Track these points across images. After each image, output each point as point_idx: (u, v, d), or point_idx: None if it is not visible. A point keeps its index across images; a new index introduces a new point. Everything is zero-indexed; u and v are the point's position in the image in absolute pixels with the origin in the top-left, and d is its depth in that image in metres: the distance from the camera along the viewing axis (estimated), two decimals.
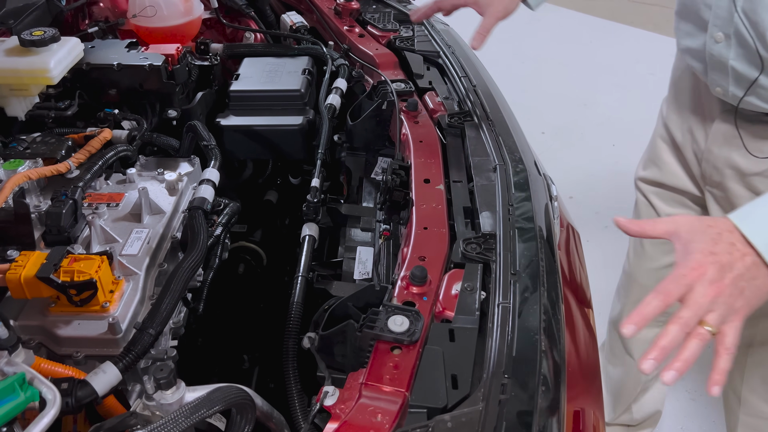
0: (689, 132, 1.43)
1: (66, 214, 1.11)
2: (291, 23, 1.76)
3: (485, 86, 1.46)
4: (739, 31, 1.15)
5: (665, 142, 1.54)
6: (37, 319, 1.01)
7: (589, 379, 0.98)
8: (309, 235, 1.23)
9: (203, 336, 1.39)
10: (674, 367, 0.81)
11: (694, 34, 1.27)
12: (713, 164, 1.37)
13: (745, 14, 1.13)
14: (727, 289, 0.83)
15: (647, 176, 1.62)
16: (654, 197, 1.61)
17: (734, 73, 1.20)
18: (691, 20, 1.27)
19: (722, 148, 1.33)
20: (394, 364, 0.86)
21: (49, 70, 1.25)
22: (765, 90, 1.18)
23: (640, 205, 1.68)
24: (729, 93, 1.23)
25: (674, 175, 1.53)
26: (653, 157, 1.59)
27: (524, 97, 3.83)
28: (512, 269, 0.96)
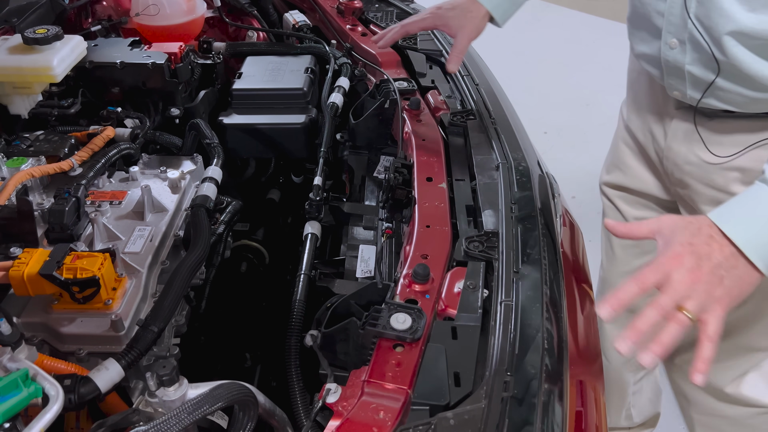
0: (649, 132, 1.42)
1: (69, 212, 1.11)
2: (294, 22, 1.76)
3: (488, 85, 1.46)
4: (693, 36, 1.15)
5: (627, 146, 1.53)
6: (40, 317, 1.01)
7: (592, 378, 0.98)
8: (311, 234, 1.23)
9: (206, 334, 1.39)
10: (652, 348, 0.83)
11: (648, 41, 1.26)
12: (674, 161, 1.37)
13: (698, 20, 1.12)
14: (704, 277, 0.85)
15: (611, 180, 1.61)
16: (620, 201, 1.61)
17: (691, 77, 1.20)
18: (644, 27, 1.27)
19: (682, 144, 1.33)
20: (396, 362, 0.86)
21: (52, 68, 1.25)
22: (723, 91, 1.18)
23: (607, 210, 1.68)
24: (687, 96, 1.23)
25: (638, 179, 1.53)
26: (616, 161, 1.58)
27: (526, 96, 3.82)
28: (515, 267, 0.96)
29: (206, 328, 1.38)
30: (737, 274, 0.87)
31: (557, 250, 1.03)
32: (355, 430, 0.76)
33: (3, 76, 1.26)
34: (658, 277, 0.86)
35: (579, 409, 0.85)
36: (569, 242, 1.19)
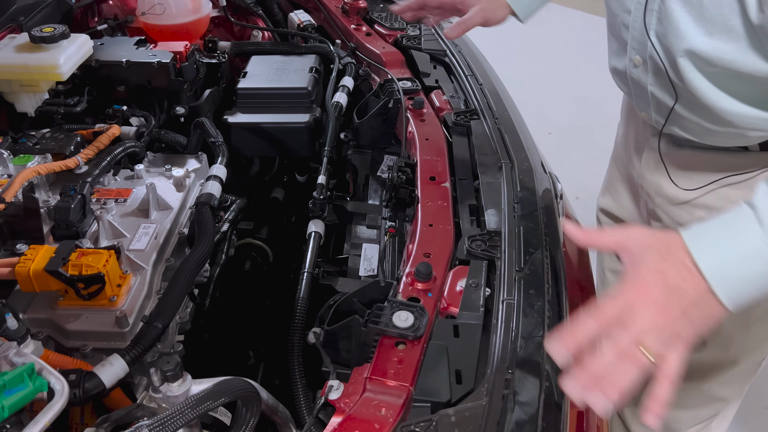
0: (629, 158, 1.38)
1: (74, 209, 1.12)
2: (298, 21, 1.77)
3: (491, 85, 1.47)
4: (652, 56, 1.08)
5: (618, 169, 1.49)
6: (46, 312, 1.02)
7: None
8: (315, 232, 1.23)
9: (210, 332, 1.40)
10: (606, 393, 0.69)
11: (619, 55, 1.19)
12: (647, 191, 1.32)
13: (657, 39, 1.05)
14: (673, 316, 0.72)
15: (604, 206, 1.57)
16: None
17: (654, 99, 1.14)
18: (615, 38, 1.19)
19: (654, 174, 1.27)
20: (398, 359, 0.86)
21: (59, 66, 1.26)
22: (683, 119, 1.12)
23: None
24: (653, 119, 1.18)
25: (625, 208, 1.48)
26: (609, 185, 1.55)
27: (531, 97, 3.82)
28: (517, 266, 0.96)
29: (210, 325, 1.39)
30: (707, 310, 0.74)
31: (560, 249, 1.03)
32: (357, 426, 0.77)
33: (10, 74, 1.27)
34: (621, 309, 0.73)
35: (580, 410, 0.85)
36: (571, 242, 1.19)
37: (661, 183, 1.27)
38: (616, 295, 0.74)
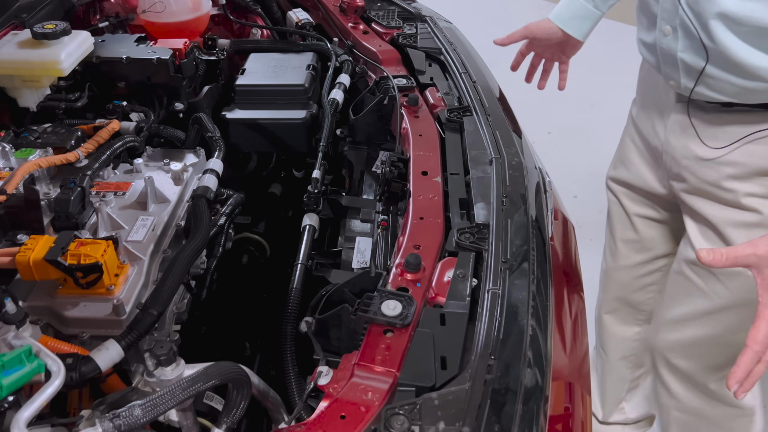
0: (652, 127, 1.46)
1: (74, 201, 1.15)
2: (297, 20, 1.80)
3: (485, 82, 1.49)
4: (683, 22, 1.19)
5: (633, 142, 1.57)
6: (45, 300, 1.04)
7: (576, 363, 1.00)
8: (309, 225, 1.26)
9: (207, 324, 1.43)
10: (744, 387, 0.97)
11: (648, 28, 1.32)
12: (672, 155, 1.40)
13: (688, 6, 1.17)
14: None
15: (616, 176, 1.65)
16: (623, 197, 1.65)
17: (683, 65, 1.24)
18: (645, 14, 1.32)
19: (679, 138, 1.36)
20: (386, 346, 0.89)
21: (60, 62, 1.29)
22: (712, 79, 1.22)
23: (611, 206, 1.72)
24: (681, 85, 1.27)
25: (640, 176, 1.57)
26: (622, 157, 1.62)
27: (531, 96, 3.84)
28: (503, 257, 0.99)
29: (207, 318, 1.42)
30: None
31: (546, 242, 1.05)
32: (344, 409, 0.79)
33: (12, 69, 1.30)
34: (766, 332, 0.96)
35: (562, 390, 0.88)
36: (560, 235, 1.22)
37: (689, 145, 1.34)
38: (759, 323, 0.97)
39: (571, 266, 1.19)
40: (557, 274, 1.05)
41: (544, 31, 1.59)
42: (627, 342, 1.79)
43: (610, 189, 1.69)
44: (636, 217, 1.62)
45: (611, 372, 1.86)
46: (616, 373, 1.86)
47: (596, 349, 1.93)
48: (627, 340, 1.77)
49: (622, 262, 1.69)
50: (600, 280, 1.81)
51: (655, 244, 1.63)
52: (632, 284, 1.70)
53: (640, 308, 1.73)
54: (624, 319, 1.77)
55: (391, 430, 0.74)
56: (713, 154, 1.31)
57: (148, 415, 0.71)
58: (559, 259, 1.11)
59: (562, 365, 0.94)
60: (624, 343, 1.78)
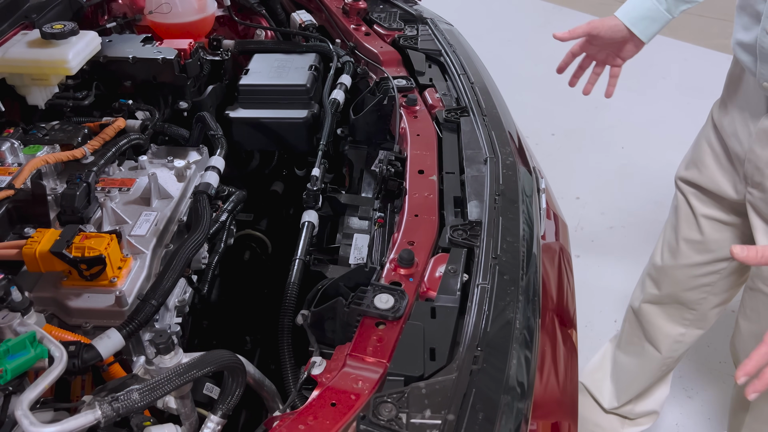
0: (734, 133, 1.45)
1: (80, 196, 1.19)
2: (300, 21, 1.83)
3: (483, 83, 1.52)
4: None
5: (710, 146, 1.55)
6: (50, 292, 1.08)
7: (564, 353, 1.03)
8: (308, 222, 1.29)
9: (208, 318, 1.46)
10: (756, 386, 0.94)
11: (749, 28, 1.30)
12: (755, 164, 1.39)
13: None
14: None
15: (687, 177, 1.63)
16: (692, 197, 1.63)
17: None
18: (748, 13, 1.31)
19: (765, 148, 1.35)
20: (377, 338, 0.92)
21: (68, 61, 1.33)
22: None
23: (680, 204, 1.69)
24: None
25: (712, 179, 1.55)
26: (695, 158, 1.60)
27: (535, 98, 3.86)
28: (493, 254, 1.01)
29: (209, 312, 1.45)
30: None
31: (536, 240, 1.08)
32: (335, 397, 0.82)
33: (21, 68, 1.34)
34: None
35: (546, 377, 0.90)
36: (553, 234, 1.24)
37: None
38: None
39: (562, 261, 1.22)
40: (546, 270, 1.08)
41: (609, 29, 1.51)
42: (670, 340, 1.77)
43: (679, 188, 1.67)
44: (703, 218, 1.61)
45: (644, 365, 1.85)
46: (649, 368, 1.85)
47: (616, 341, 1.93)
48: (670, 338, 1.76)
49: (682, 261, 1.68)
50: (646, 275, 1.79)
51: (719, 246, 1.62)
52: (687, 282, 1.69)
53: (689, 306, 1.72)
54: (671, 315, 1.76)
55: (378, 417, 0.77)
56: None
57: (146, 399, 0.74)
58: (549, 256, 1.13)
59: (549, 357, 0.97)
60: (667, 341, 1.77)
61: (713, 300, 1.69)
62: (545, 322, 0.99)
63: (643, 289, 1.79)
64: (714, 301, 1.69)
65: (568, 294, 1.15)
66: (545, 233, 1.19)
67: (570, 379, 1.02)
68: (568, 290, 1.17)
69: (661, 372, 1.87)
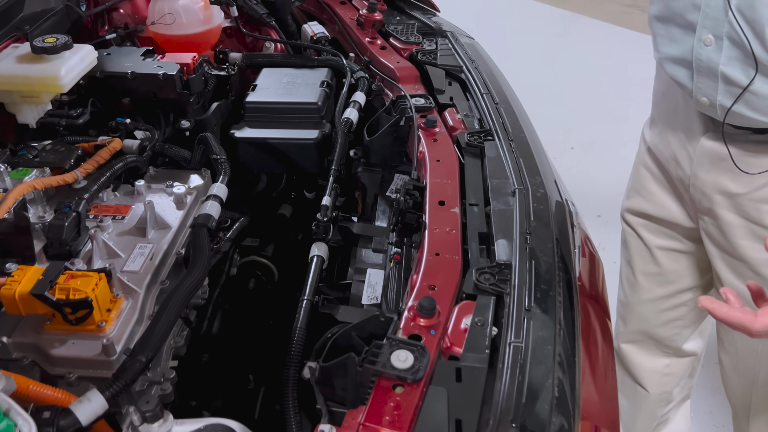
0: (673, 157, 1.35)
1: (68, 227, 1.08)
2: (312, 33, 1.73)
3: (508, 104, 1.40)
4: (732, 31, 1.09)
5: (648, 171, 1.45)
6: (32, 337, 0.98)
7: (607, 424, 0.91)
8: (317, 256, 1.18)
9: (210, 352, 1.35)
10: None
11: (679, 40, 1.20)
12: (701, 190, 1.29)
13: (740, 12, 1.06)
14: None
15: (633, 207, 1.53)
16: (642, 229, 1.52)
17: (724, 79, 1.13)
18: (676, 23, 1.20)
19: (709, 172, 1.26)
20: (395, 404, 0.80)
21: (60, 78, 1.22)
22: (757, 97, 1.11)
23: (628, 238, 1.59)
24: (716, 103, 1.16)
25: (661, 206, 1.45)
26: (637, 186, 1.51)
27: (554, 111, 3.75)
28: (526, 304, 0.90)
29: (211, 345, 1.34)
30: None
31: (573, 287, 0.96)
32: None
33: (10, 84, 1.24)
34: None
35: None
36: (588, 274, 1.13)
37: (721, 179, 1.24)
38: None
39: (600, 309, 1.10)
40: (585, 321, 0.96)
41: None
42: (656, 375, 1.67)
43: (625, 220, 1.57)
44: (657, 249, 1.51)
45: (640, 407, 1.74)
46: (646, 408, 1.74)
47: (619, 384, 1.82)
48: (656, 373, 1.65)
49: (643, 296, 1.58)
50: (617, 311, 1.69)
51: (678, 276, 1.52)
52: (655, 318, 1.59)
53: (665, 344, 1.62)
54: (649, 350, 1.66)
55: None
56: (749, 187, 1.21)
57: None
58: (586, 303, 1.02)
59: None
60: (653, 377, 1.66)
61: (687, 332, 1.58)
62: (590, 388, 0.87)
63: (616, 328, 1.69)
64: (688, 333, 1.59)
65: (607, 346, 1.03)
66: (580, 274, 1.07)
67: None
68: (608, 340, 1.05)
69: (663, 411, 1.75)
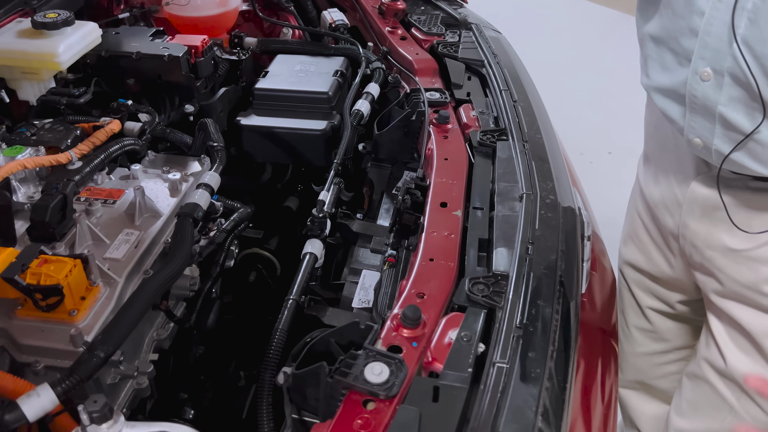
0: (662, 201, 1.17)
1: (53, 209, 1.04)
2: (331, 20, 1.66)
3: (528, 102, 1.31)
4: (737, 67, 0.89)
5: (640, 216, 1.27)
6: (2, 321, 0.94)
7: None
8: (310, 254, 1.11)
9: (206, 345, 1.30)
10: None
11: (671, 68, 1.00)
12: (691, 242, 1.11)
13: (747, 45, 0.86)
14: None
15: (628, 257, 1.35)
16: (635, 287, 1.35)
17: (723, 121, 0.94)
18: (669, 48, 1.00)
19: (701, 222, 1.08)
20: (363, 421, 0.74)
21: (57, 55, 1.19)
22: (762, 147, 0.91)
23: (622, 290, 1.40)
24: (711, 148, 0.97)
25: (651, 260, 1.27)
26: (631, 232, 1.33)
27: (594, 113, 3.61)
28: (518, 321, 0.82)
29: (206, 339, 1.29)
30: None
31: (575, 304, 0.88)
32: None
33: (9, 60, 1.21)
34: None
35: None
36: (597, 293, 1.04)
37: (714, 231, 1.07)
38: None
39: (606, 330, 1.01)
40: (586, 343, 0.88)
41: None
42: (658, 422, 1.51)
43: (621, 271, 1.40)
44: (649, 309, 1.36)
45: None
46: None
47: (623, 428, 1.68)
48: (659, 420, 1.50)
49: (639, 349, 1.43)
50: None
51: (673, 335, 1.37)
52: (652, 371, 1.45)
53: (666, 393, 1.46)
54: (648, 398, 1.52)
55: None
56: (747, 245, 1.03)
57: None
58: (590, 323, 0.93)
59: None
60: (654, 423, 1.51)
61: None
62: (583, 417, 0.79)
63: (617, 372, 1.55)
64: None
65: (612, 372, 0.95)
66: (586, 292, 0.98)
67: None
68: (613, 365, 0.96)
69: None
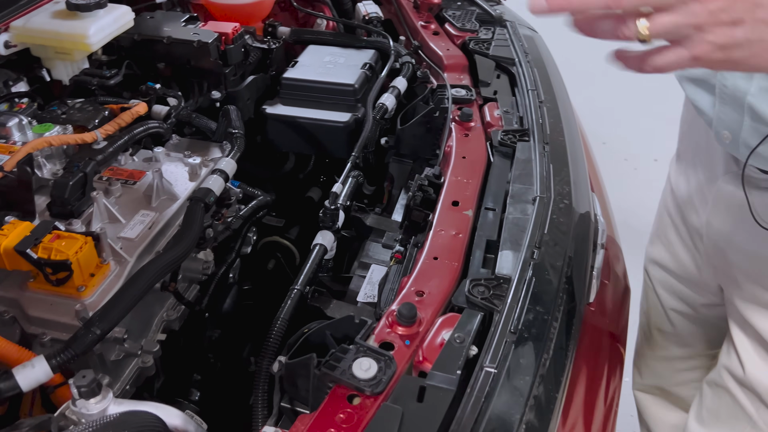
0: (690, 200, 1.13)
1: (72, 187, 1.07)
2: (365, 13, 1.65)
3: (554, 103, 1.28)
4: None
5: (670, 216, 1.24)
6: (14, 292, 0.97)
7: None
8: (320, 245, 1.11)
9: (222, 328, 1.32)
10: None
11: None
12: (714, 242, 1.07)
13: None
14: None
15: (654, 256, 1.31)
16: (659, 287, 1.31)
17: (751, 113, 0.90)
18: None
19: (725, 221, 1.03)
20: (345, 416, 0.73)
21: (88, 37, 1.22)
22: None
23: (647, 291, 1.37)
24: (739, 140, 0.93)
25: (678, 260, 1.22)
26: (659, 231, 1.29)
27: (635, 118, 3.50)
28: (513, 326, 0.80)
29: (222, 323, 1.31)
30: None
31: (576, 313, 0.85)
32: None
33: (42, 39, 1.24)
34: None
35: None
36: (608, 303, 1.01)
37: (737, 232, 1.02)
38: None
39: (613, 344, 0.98)
40: (587, 354, 0.85)
41: None
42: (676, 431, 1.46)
43: (647, 271, 1.36)
44: (672, 311, 1.31)
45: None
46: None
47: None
48: (678, 429, 1.44)
49: (659, 353, 1.39)
50: (633, 359, 1.49)
51: (695, 340, 1.32)
52: (672, 378, 1.40)
53: (685, 401, 1.40)
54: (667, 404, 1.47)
55: None
56: None
57: None
58: (595, 334, 0.90)
59: None
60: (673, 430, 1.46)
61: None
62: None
63: (632, 374, 1.49)
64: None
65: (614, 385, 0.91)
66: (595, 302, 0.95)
67: None
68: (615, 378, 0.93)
69: None
